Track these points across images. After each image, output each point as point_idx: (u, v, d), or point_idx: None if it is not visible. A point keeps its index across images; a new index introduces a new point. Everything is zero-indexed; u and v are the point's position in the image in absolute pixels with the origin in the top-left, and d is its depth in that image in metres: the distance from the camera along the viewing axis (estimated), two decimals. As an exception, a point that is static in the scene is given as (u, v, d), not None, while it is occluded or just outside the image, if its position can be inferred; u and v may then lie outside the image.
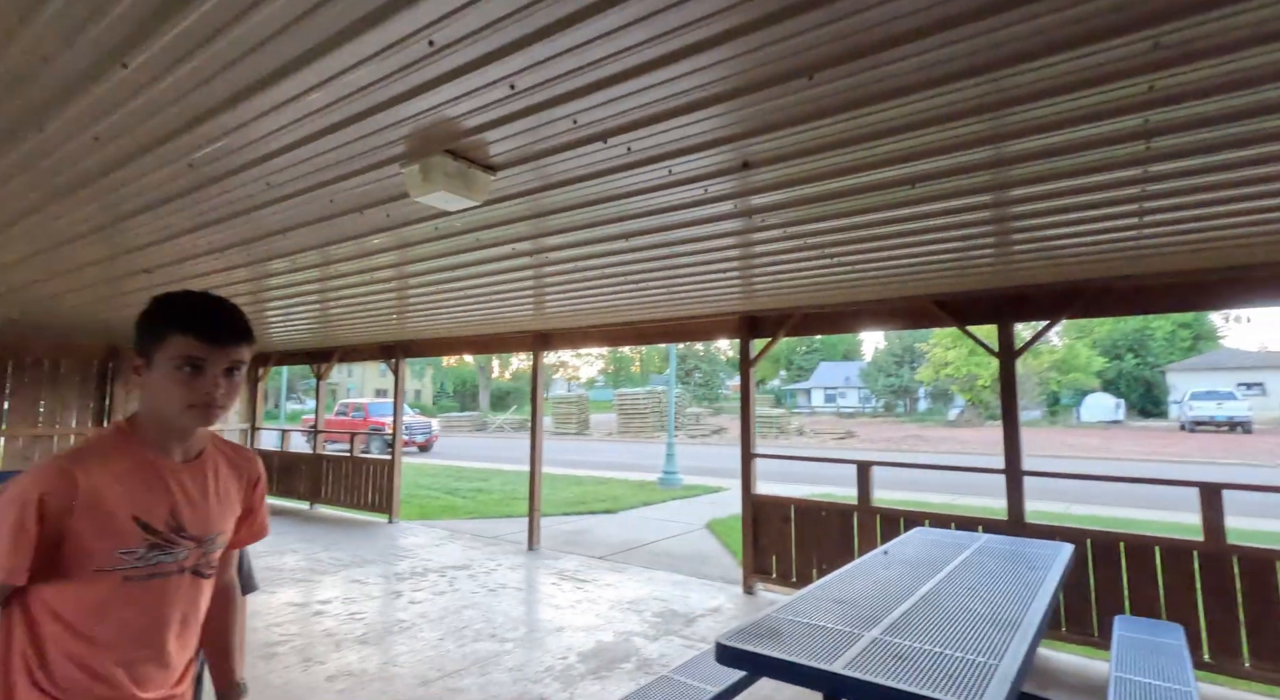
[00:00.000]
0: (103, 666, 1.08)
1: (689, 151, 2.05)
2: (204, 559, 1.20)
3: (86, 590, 1.07)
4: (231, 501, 1.27)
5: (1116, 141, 1.89)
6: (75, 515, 1.04)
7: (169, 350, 1.10)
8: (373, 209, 2.64)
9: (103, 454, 1.11)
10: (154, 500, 1.12)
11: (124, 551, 1.08)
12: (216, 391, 1.12)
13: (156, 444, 1.16)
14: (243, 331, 1.16)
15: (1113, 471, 8.42)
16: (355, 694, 3.25)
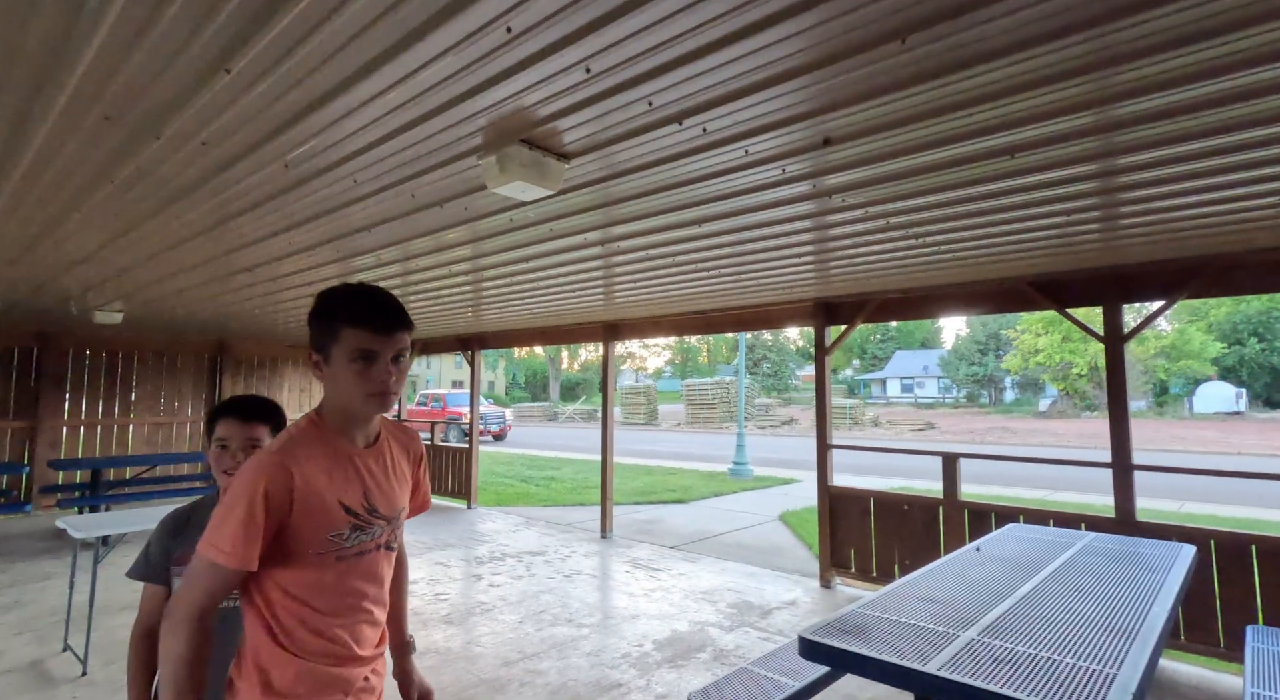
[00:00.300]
0: (329, 630, 1.20)
1: (767, 130, 1.97)
2: (392, 535, 1.31)
3: (308, 569, 1.18)
4: (405, 479, 1.35)
5: (1262, 94, 1.67)
6: (295, 506, 1.15)
7: (344, 345, 1.18)
8: (452, 202, 2.71)
9: (306, 446, 1.20)
10: (351, 485, 1.22)
11: (334, 534, 1.19)
12: (390, 379, 1.19)
13: (344, 432, 1.25)
14: (405, 320, 1.23)
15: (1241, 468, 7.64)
16: (441, 671, 3.39)
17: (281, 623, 1.18)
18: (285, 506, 1.13)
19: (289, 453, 1.17)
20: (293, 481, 1.14)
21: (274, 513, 1.12)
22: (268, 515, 1.12)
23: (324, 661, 1.20)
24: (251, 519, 1.11)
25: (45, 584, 4.92)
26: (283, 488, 1.13)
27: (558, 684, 3.26)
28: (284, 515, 1.14)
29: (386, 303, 1.22)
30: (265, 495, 1.11)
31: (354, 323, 1.17)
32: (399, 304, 1.23)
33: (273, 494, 1.12)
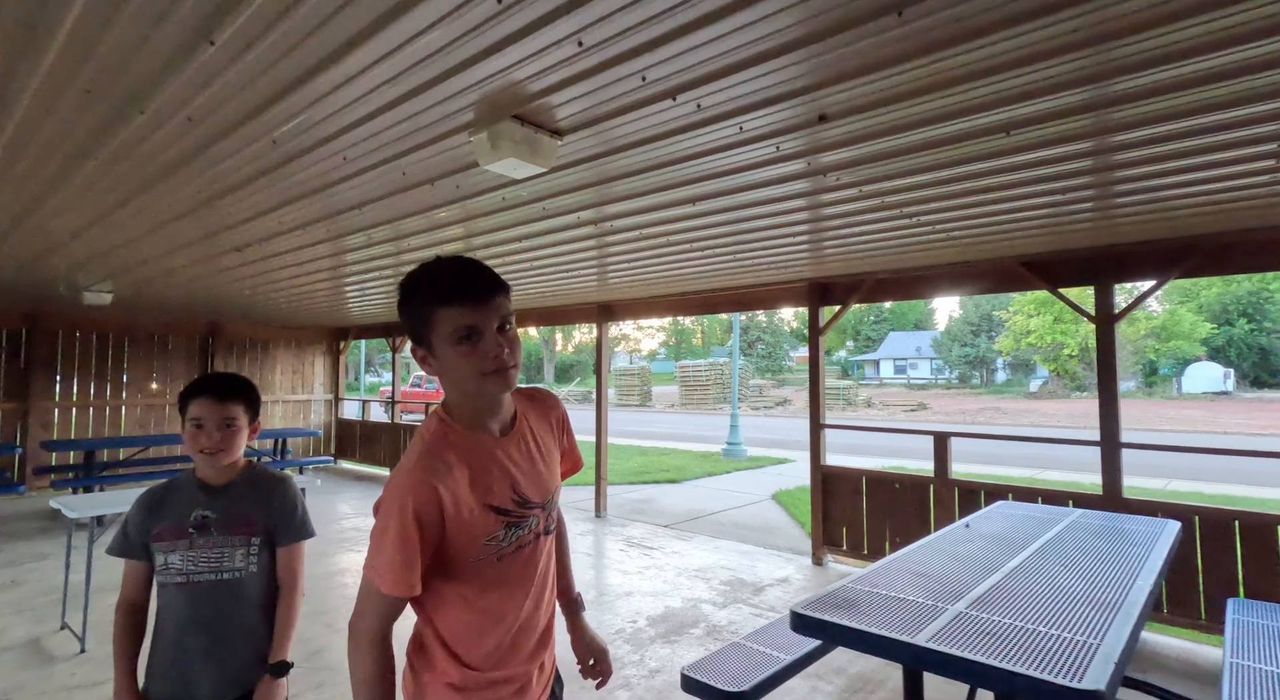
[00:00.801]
0: (496, 630, 1.15)
1: (762, 106, 1.95)
2: (549, 519, 1.23)
3: (470, 575, 1.12)
4: (552, 452, 1.26)
5: (1257, 70, 1.66)
6: (447, 522, 1.07)
7: (442, 328, 1.07)
8: (443, 180, 2.68)
9: (443, 454, 1.10)
10: (497, 484, 1.13)
11: (490, 539, 1.12)
12: (502, 352, 1.08)
13: (475, 424, 1.15)
14: (499, 283, 1.11)
15: (1227, 446, 7.77)
16: (439, 647, 3.43)
17: (450, 628, 1.13)
18: (437, 525, 1.06)
19: (428, 466, 1.07)
20: (439, 497, 1.05)
21: (428, 533, 1.05)
22: (422, 537, 1.05)
23: (489, 665, 1.14)
24: (406, 543, 1.04)
25: (41, 564, 4.94)
26: (431, 506, 1.05)
27: (553, 659, 3.30)
28: (438, 533, 1.07)
29: (473, 270, 1.09)
30: (415, 518, 1.04)
31: (444, 301, 1.06)
32: (488, 269, 1.10)
33: (422, 515, 1.04)
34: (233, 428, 1.55)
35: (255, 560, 1.55)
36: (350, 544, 5.59)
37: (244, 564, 1.53)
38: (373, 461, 9.84)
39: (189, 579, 1.49)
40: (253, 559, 1.55)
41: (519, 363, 1.11)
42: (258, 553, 1.55)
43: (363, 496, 7.81)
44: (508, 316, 1.10)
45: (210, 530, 1.52)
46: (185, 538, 1.51)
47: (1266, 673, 2.30)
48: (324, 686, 2.99)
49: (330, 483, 8.82)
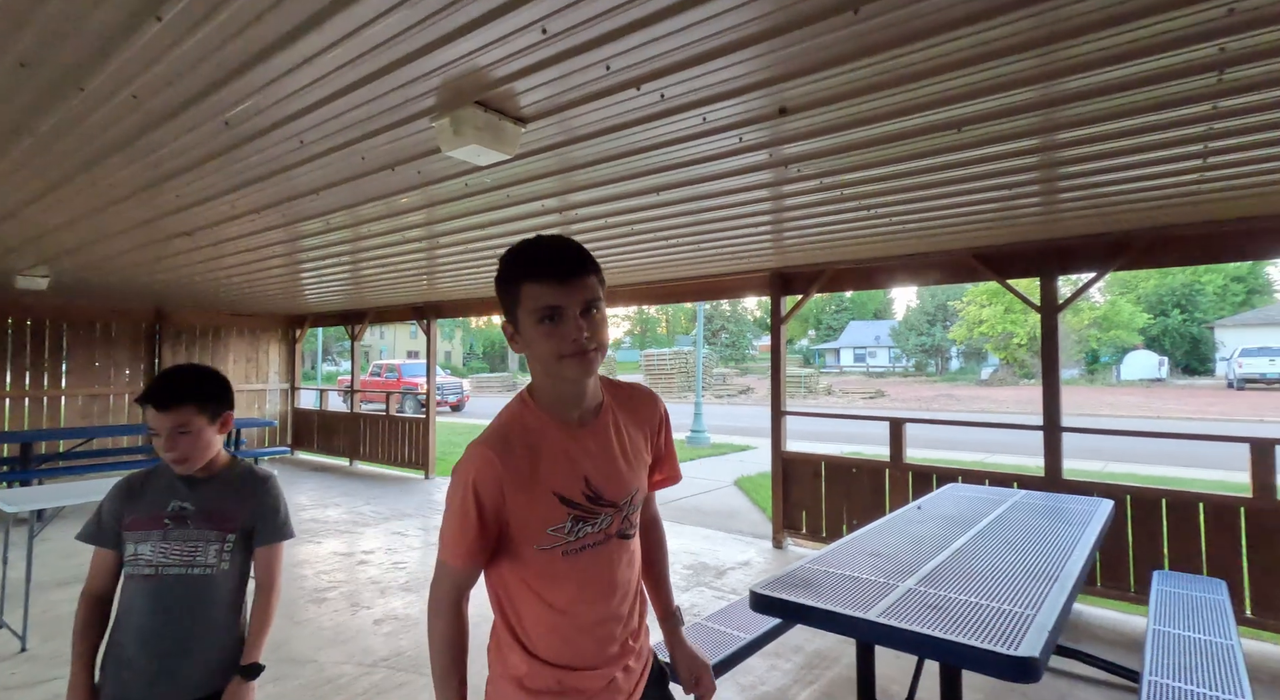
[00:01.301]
0: (566, 627, 1.11)
1: (724, 97, 1.98)
2: (626, 521, 1.17)
3: (534, 567, 1.09)
4: (640, 453, 1.21)
5: (1185, 74, 1.77)
6: (507, 499, 1.06)
7: (525, 306, 1.06)
8: (404, 166, 2.63)
9: (514, 432, 1.10)
10: (568, 473, 1.10)
11: (554, 529, 1.08)
12: (581, 334, 1.04)
13: (555, 410, 1.12)
14: (584, 264, 1.07)
15: (1155, 429, 8.23)
16: (400, 636, 3.42)
17: (523, 622, 1.12)
18: (498, 499, 1.05)
19: (496, 442, 1.08)
20: (500, 473, 1.05)
21: (488, 507, 1.05)
22: (480, 511, 1.05)
23: (561, 663, 1.11)
24: (465, 516, 1.05)
25: (-24, 562, 4.71)
26: (491, 482, 1.05)
27: (518, 645, 3.33)
28: (499, 508, 1.06)
29: (563, 248, 1.06)
30: (474, 490, 1.05)
31: (530, 277, 1.04)
32: (579, 248, 1.08)
33: (482, 488, 1.05)
34: (187, 433, 1.46)
35: (228, 558, 1.50)
36: (310, 536, 5.48)
37: (216, 561, 1.48)
38: (332, 452, 9.63)
39: (157, 572, 1.44)
40: (225, 557, 1.49)
41: (601, 347, 1.07)
42: (231, 551, 1.50)
43: (321, 488, 7.66)
44: (594, 299, 1.06)
45: (186, 523, 1.47)
46: (159, 528, 1.46)
47: (1185, 638, 2.48)
48: (284, 679, 2.96)
49: (287, 474, 8.61)
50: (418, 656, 3.18)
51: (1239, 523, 3.51)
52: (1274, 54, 1.65)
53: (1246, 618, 3.43)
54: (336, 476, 8.49)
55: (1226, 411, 17.17)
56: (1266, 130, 2.15)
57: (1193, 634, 2.51)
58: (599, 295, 1.07)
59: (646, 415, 1.24)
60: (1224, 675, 2.19)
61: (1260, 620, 3.42)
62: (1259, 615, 3.43)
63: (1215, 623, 2.60)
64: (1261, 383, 23.37)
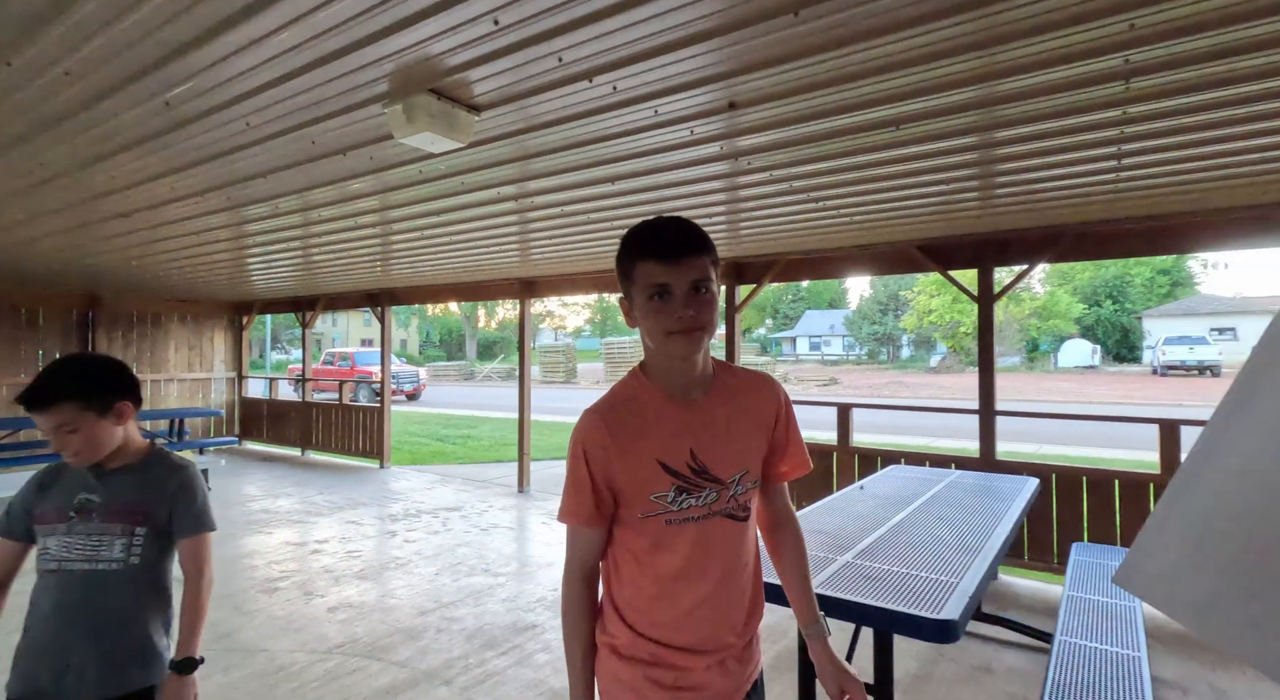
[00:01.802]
0: (666, 601, 1.13)
1: (675, 91, 2.03)
2: (733, 501, 1.16)
3: (641, 534, 1.13)
4: (751, 438, 1.19)
5: (1096, 82, 1.91)
6: (613, 463, 1.10)
7: (638, 283, 1.08)
8: (356, 151, 2.60)
9: (622, 401, 1.15)
10: (673, 442, 1.12)
11: (657, 495, 1.11)
12: (688, 311, 1.06)
13: (665, 383, 1.15)
14: (695, 243, 1.08)
15: (1081, 413, 8.74)
16: (355, 623, 3.42)
17: (625, 591, 1.15)
18: (606, 462, 1.10)
19: (606, 408, 1.14)
20: (606, 438, 1.10)
21: (597, 469, 1.10)
22: (591, 472, 1.10)
23: (655, 637, 1.13)
24: (577, 476, 1.11)
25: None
26: (598, 444, 1.10)
27: (474, 628, 3.38)
28: (609, 471, 1.11)
29: (677, 228, 1.08)
30: (584, 452, 1.11)
31: (642, 255, 1.07)
32: (691, 227, 1.09)
33: (590, 450, 1.11)
34: (74, 431, 1.38)
35: (138, 552, 1.43)
36: (258, 526, 5.37)
37: (123, 555, 1.41)
38: (283, 442, 9.39)
39: (60, 566, 1.39)
40: (135, 551, 1.42)
41: (708, 326, 1.08)
42: (142, 545, 1.43)
43: (271, 478, 7.48)
44: (703, 279, 1.07)
45: (91, 516, 1.41)
46: (64, 522, 1.41)
47: (1095, 602, 2.71)
48: (233, 669, 2.93)
49: (236, 464, 8.36)
50: (373, 643, 3.19)
51: (1148, 497, 3.80)
52: (1173, 66, 1.80)
53: (1154, 584, 3.73)
54: (288, 466, 8.29)
55: (1150, 396, 18.31)
56: (1171, 135, 2.34)
57: (1102, 598, 2.74)
58: (709, 275, 1.08)
59: (763, 402, 1.22)
60: (1126, 634, 2.40)
61: (1166, 586, 3.72)
62: (1165, 581, 3.73)
63: (1121, 588, 2.84)
64: (1181, 369, 24.96)
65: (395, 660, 3.01)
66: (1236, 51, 1.72)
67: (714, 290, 1.09)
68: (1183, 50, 1.72)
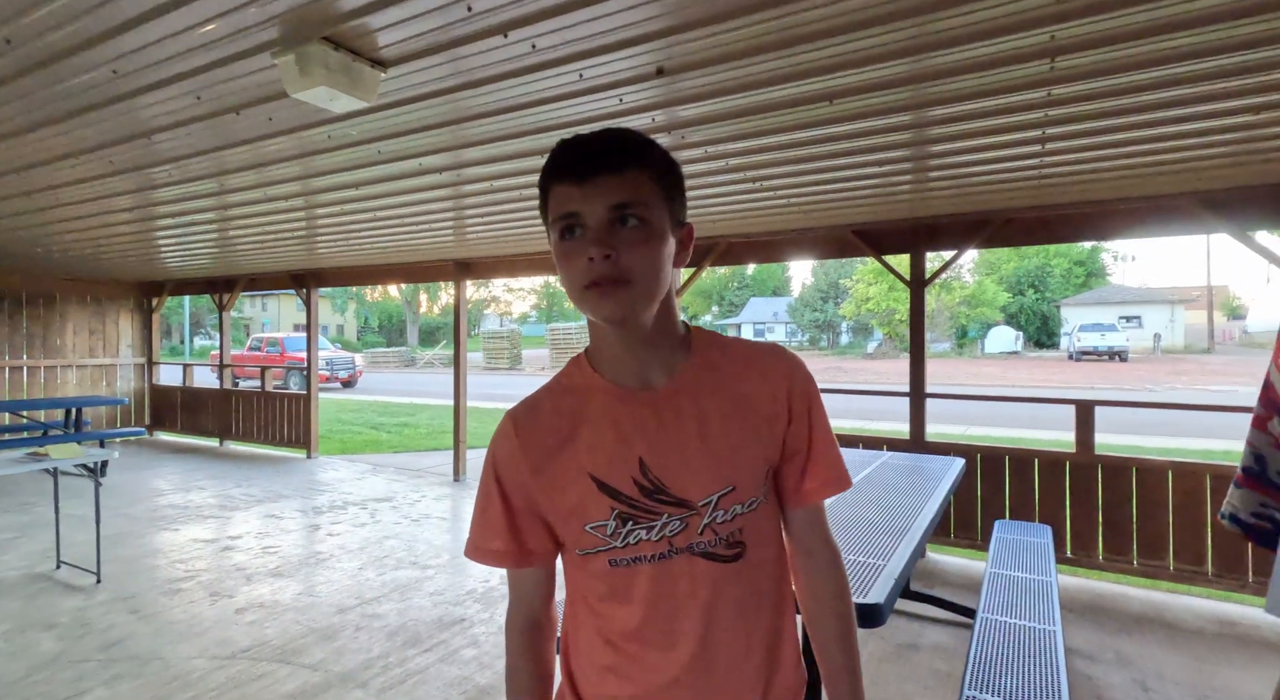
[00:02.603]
0: (622, 680, 0.82)
1: (599, 52, 1.90)
2: (711, 533, 0.79)
3: (584, 577, 0.84)
4: (746, 435, 0.81)
5: (1023, 59, 1.89)
6: (530, 481, 0.82)
7: (550, 216, 0.77)
8: (251, 109, 2.35)
9: (551, 394, 0.85)
10: (614, 449, 0.79)
11: (593, 526, 0.79)
12: (601, 252, 0.72)
13: (609, 368, 0.82)
14: (617, 151, 0.74)
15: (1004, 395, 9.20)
16: (266, 624, 3.19)
17: (577, 650, 0.87)
18: (521, 480, 0.82)
19: (525, 408, 0.85)
20: (517, 446, 0.82)
21: (513, 489, 0.83)
22: (504, 492, 0.83)
23: None
24: (489, 499, 0.84)
25: None
26: (509, 455, 0.83)
27: (397, 625, 3.21)
28: (529, 492, 0.82)
29: (600, 135, 0.75)
30: (494, 466, 0.84)
31: (552, 174, 0.76)
32: (620, 132, 0.76)
33: (501, 464, 0.84)
34: None
35: None
36: (165, 523, 4.98)
37: None
38: (198, 432, 8.80)
39: None
40: None
41: (636, 276, 0.73)
42: None
43: (184, 471, 6.98)
44: (628, 204, 0.73)
45: None
46: None
47: (1016, 578, 2.78)
48: (120, 680, 2.67)
49: (145, 457, 7.77)
50: (284, 645, 2.98)
51: (1064, 475, 3.97)
52: (1099, 44, 1.80)
53: (1066, 557, 3.91)
54: (204, 458, 7.77)
55: (1066, 379, 19.49)
56: (1094, 119, 2.37)
57: (1021, 574, 2.82)
58: (640, 198, 0.74)
59: (765, 385, 0.83)
60: (1042, 608, 2.47)
61: (1076, 559, 3.92)
62: (1075, 554, 3.92)
63: (1039, 564, 2.94)
64: (1094, 354, 26.68)
65: (306, 663, 2.81)
66: (1157, 31, 1.72)
67: (653, 221, 0.74)
68: (1107, 28, 1.71)
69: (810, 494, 0.87)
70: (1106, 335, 26.86)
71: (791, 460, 0.86)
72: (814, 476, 0.86)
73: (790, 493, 0.87)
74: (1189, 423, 9.96)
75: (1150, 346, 30.79)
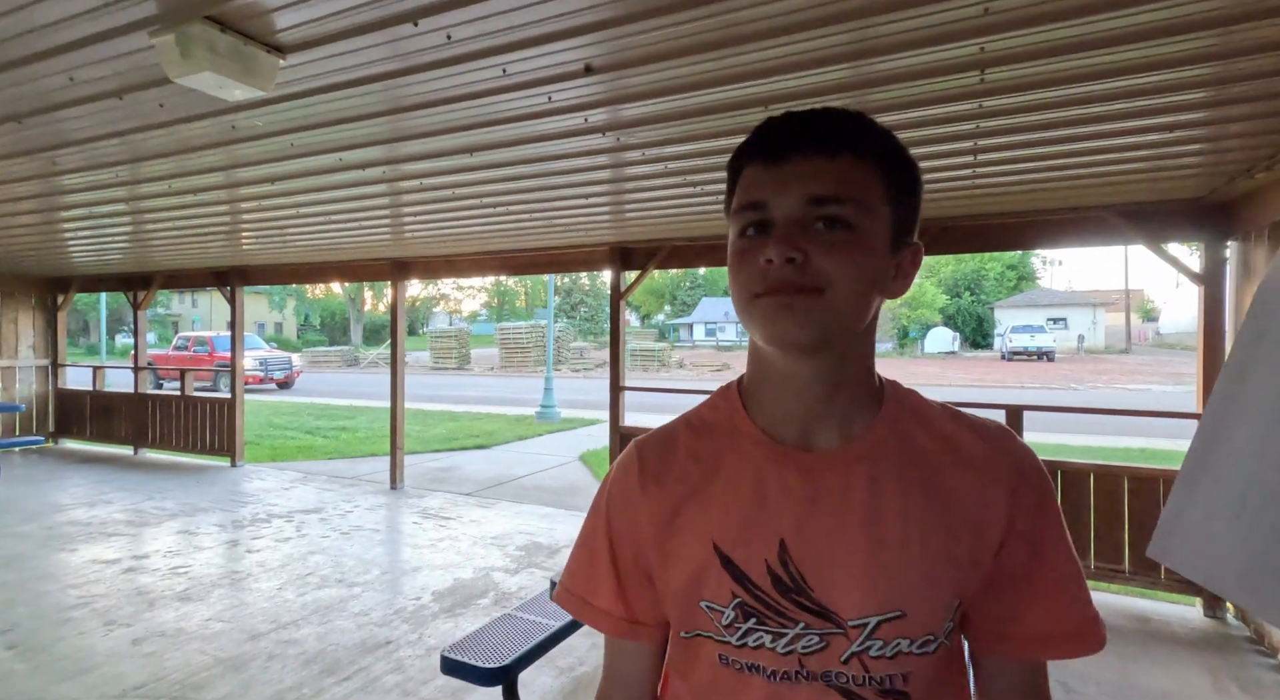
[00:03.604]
0: None
1: (522, 47, 1.78)
2: (860, 665, 0.58)
3: (688, 664, 0.65)
4: (940, 545, 0.59)
5: (955, 70, 1.88)
6: (647, 530, 0.65)
7: (733, 210, 0.62)
8: (137, 94, 2.12)
9: (689, 432, 0.68)
10: (750, 517, 0.61)
11: (708, 603, 0.61)
12: (786, 252, 0.55)
13: (769, 413, 0.64)
14: (828, 132, 0.58)
15: (939, 399, 9.45)
16: (166, 656, 2.93)
17: None
18: (638, 531, 0.66)
19: (658, 441, 0.68)
20: (637, 488, 0.67)
21: (623, 540, 0.67)
22: (612, 543, 0.68)
23: None
24: (591, 552, 0.69)
25: None
26: (627, 497, 0.67)
27: (315, 651, 2.99)
28: (643, 549, 0.66)
29: (805, 111, 0.60)
30: (606, 509, 0.69)
31: (742, 156, 0.62)
32: (840, 112, 0.60)
33: (615, 506, 0.68)
34: None
35: None
36: (63, 542, 4.57)
37: None
38: (110, 439, 8.19)
39: None
40: None
41: (838, 289, 0.56)
42: None
43: (92, 482, 6.46)
44: (833, 198, 0.56)
45: None
46: None
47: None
48: (-9, 728, 2.40)
49: (47, 467, 7.16)
50: (184, 680, 2.73)
51: (996, 478, 4.07)
52: (1025, 59, 1.80)
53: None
54: (115, 468, 7.22)
55: (999, 379, 20.37)
56: (1022, 132, 2.40)
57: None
58: (853, 194, 0.57)
59: (979, 483, 0.61)
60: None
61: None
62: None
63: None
64: (1024, 354, 28.03)
65: (208, 698, 2.58)
66: (1079, 48, 1.72)
67: (865, 227, 0.57)
68: (1032, 42, 1.70)
69: (1024, 644, 0.61)
70: (1036, 336, 28.26)
71: (1001, 592, 0.60)
72: (1034, 620, 0.60)
73: (992, 636, 0.62)
74: (1110, 422, 10.54)
75: (1075, 347, 32.57)
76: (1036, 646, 0.61)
